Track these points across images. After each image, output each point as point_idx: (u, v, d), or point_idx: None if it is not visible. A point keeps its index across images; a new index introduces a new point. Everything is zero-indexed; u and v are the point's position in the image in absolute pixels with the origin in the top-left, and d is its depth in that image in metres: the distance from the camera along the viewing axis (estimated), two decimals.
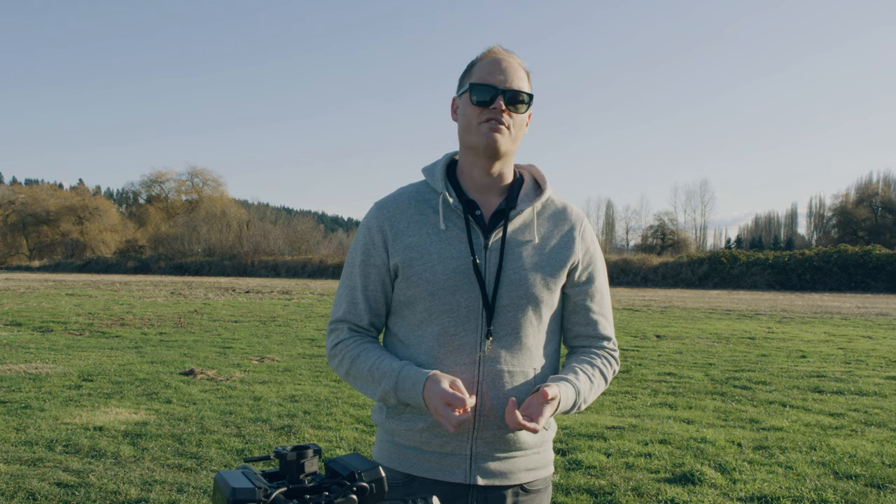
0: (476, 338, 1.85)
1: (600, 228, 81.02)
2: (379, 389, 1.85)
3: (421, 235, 1.89)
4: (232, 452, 5.85)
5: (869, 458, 5.88)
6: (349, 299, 1.96)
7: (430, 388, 1.75)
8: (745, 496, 4.96)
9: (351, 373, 1.92)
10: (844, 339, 14.76)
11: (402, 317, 1.93)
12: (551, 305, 1.93)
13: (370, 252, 1.93)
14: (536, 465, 1.95)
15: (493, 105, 1.85)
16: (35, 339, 13.01)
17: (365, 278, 1.94)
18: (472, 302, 1.85)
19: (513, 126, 1.88)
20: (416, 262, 1.87)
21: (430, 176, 1.96)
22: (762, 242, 77.09)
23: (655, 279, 46.82)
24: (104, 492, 4.85)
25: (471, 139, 1.89)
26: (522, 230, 1.92)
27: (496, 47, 1.93)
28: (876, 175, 75.42)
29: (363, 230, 1.97)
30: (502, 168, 1.93)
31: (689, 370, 10.32)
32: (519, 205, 1.93)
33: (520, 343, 1.88)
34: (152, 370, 9.73)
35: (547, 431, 1.98)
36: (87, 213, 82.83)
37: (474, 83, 1.87)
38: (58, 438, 6.13)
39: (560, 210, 1.99)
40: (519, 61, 1.92)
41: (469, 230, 1.87)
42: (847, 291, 38.60)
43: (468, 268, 1.85)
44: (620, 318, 19.32)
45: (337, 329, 1.97)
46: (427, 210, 1.92)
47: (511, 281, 1.86)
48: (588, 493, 4.96)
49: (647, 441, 6.30)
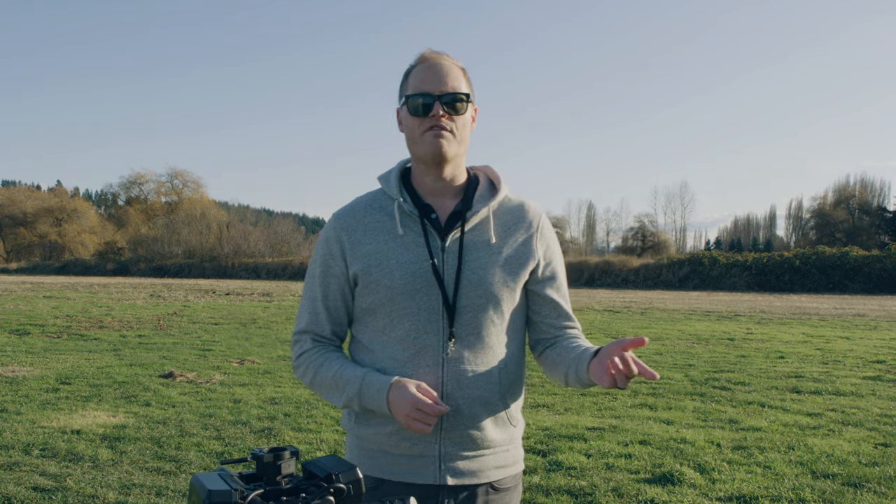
0: (438, 339, 1.87)
1: (581, 230, 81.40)
2: (343, 397, 1.87)
3: (378, 242, 1.90)
4: (211, 455, 5.81)
5: (846, 457, 5.94)
6: (310, 310, 1.98)
7: (396, 394, 1.77)
8: (724, 496, 5.00)
9: (315, 382, 1.94)
10: (822, 339, 14.91)
11: (366, 323, 1.95)
12: (512, 303, 1.95)
13: (329, 263, 1.96)
14: (505, 463, 1.96)
15: (431, 113, 1.85)
16: (12, 342, 12.86)
17: (325, 289, 1.96)
18: (433, 304, 1.87)
19: (456, 129, 1.88)
20: (375, 268, 1.88)
21: (385, 183, 1.97)
22: (741, 244, 77.61)
23: (636, 281, 47.07)
24: (82, 496, 4.81)
25: (417, 150, 1.91)
26: (479, 230, 1.93)
27: (427, 52, 1.93)
28: (853, 177, 76.32)
29: (322, 242, 1.99)
30: (454, 171, 1.95)
31: (668, 371, 10.38)
32: (475, 205, 1.94)
33: (482, 342, 1.89)
34: (131, 373, 9.65)
35: (514, 428, 1.99)
36: (66, 214, 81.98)
37: (410, 94, 1.88)
38: (34, 442, 6.06)
39: (517, 208, 2.01)
40: (452, 61, 1.93)
41: (426, 233, 1.89)
42: (825, 293, 39.01)
43: (427, 271, 1.87)
44: (601, 319, 19.40)
45: (300, 340, 1.99)
46: (383, 217, 1.93)
47: (470, 281, 1.88)
48: (568, 494, 4.97)
49: (627, 442, 6.32)
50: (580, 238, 79.77)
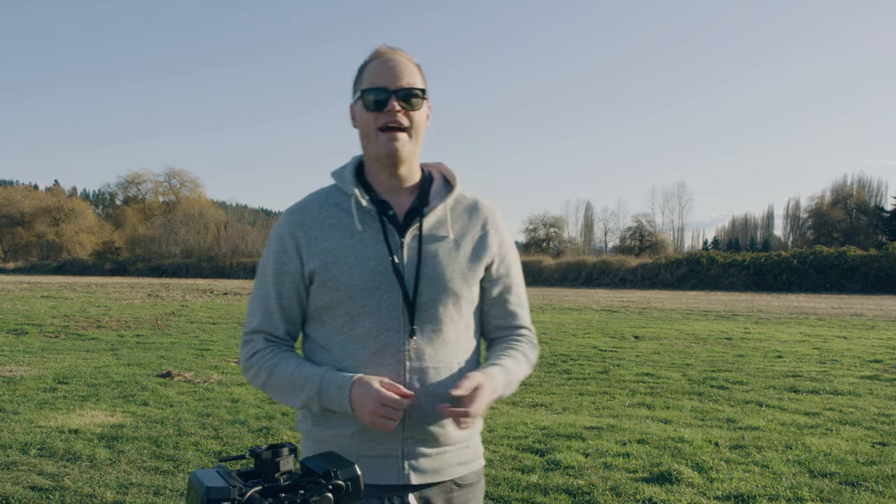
0: (399, 336, 1.85)
1: (579, 230, 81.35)
2: (301, 397, 1.83)
3: (335, 239, 1.88)
4: (209, 454, 5.81)
5: (844, 456, 5.94)
6: (263, 309, 1.93)
7: (360, 391, 1.74)
8: (721, 495, 5.00)
9: (269, 383, 1.89)
10: (820, 339, 14.93)
11: (322, 322, 1.92)
12: (471, 300, 1.95)
13: (283, 260, 1.92)
14: (467, 459, 1.96)
15: (387, 107, 1.83)
16: (9, 342, 12.84)
17: (279, 287, 1.92)
18: (393, 301, 1.85)
19: (411, 125, 1.87)
20: (333, 265, 1.86)
21: (340, 179, 1.95)
22: (739, 244, 77.71)
23: (634, 280, 47.09)
24: (79, 495, 4.80)
25: (372, 148, 1.89)
26: (437, 227, 1.92)
27: (382, 47, 1.91)
28: (850, 177, 76.39)
29: (274, 238, 1.95)
30: (409, 169, 1.94)
31: (666, 370, 10.39)
32: (431, 202, 1.94)
33: (442, 338, 1.88)
34: (129, 372, 9.64)
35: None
36: (63, 214, 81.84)
37: (365, 88, 1.86)
38: (32, 442, 6.06)
39: (472, 205, 2.00)
40: (407, 57, 1.91)
41: (385, 230, 1.87)
42: (822, 292, 39.04)
43: (387, 268, 1.85)
44: (599, 319, 19.41)
45: (252, 340, 1.93)
46: (339, 213, 1.91)
47: (430, 278, 1.87)
48: (566, 493, 4.97)
49: (625, 441, 6.33)
50: (578, 238, 79.81)
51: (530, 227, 73.84)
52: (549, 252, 66.60)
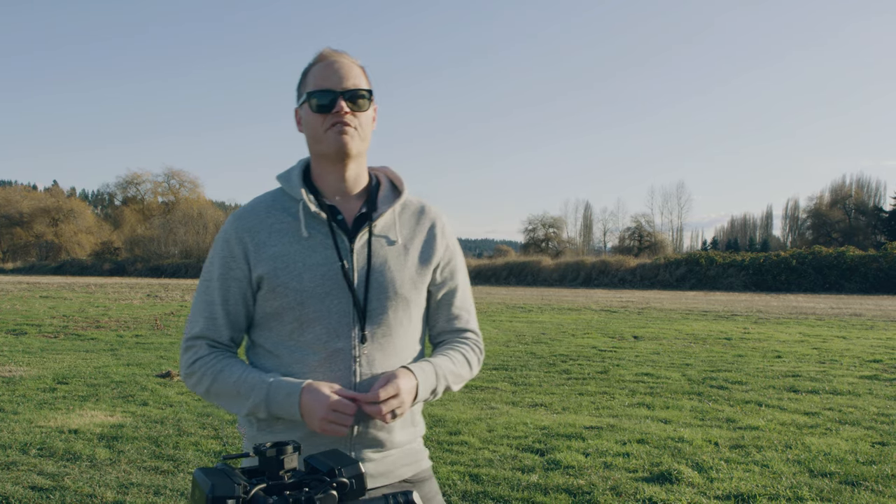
0: (350, 343, 1.84)
1: (578, 230, 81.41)
2: (247, 404, 1.80)
3: (284, 244, 1.86)
4: (209, 454, 5.81)
5: (843, 456, 5.95)
6: (207, 315, 1.90)
7: (310, 398, 1.72)
8: (722, 494, 5.00)
9: (212, 390, 1.85)
10: (819, 339, 14.93)
11: (270, 328, 1.89)
12: (420, 304, 1.95)
13: (230, 265, 1.89)
14: (412, 461, 1.96)
15: (334, 109, 1.83)
16: (8, 342, 12.84)
17: (224, 292, 1.89)
18: (344, 307, 1.84)
19: (359, 126, 1.86)
20: (282, 271, 1.83)
21: (287, 183, 1.93)
22: (738, 244, 77.73)
23: (633, 280, 47.12)
24: (80, 495, 4.80)
25: (320, 147, 1.88)
26: (386, 232, 1.92)
27: (326, 50, 1.91)
28: (849, 177, 76.63)
29: (220, 243, 1.92)
30: (357, 171, 1.93)
31: (666, 370, 10.39)
32: (380, 207, 1.93)
33: (393, 344, 1.88)
34: (128, 372, 9.64)
35: (416, 428, 1.99)
36: (62, 214, 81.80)
37: (311, 91, 1.85)
38: (32, 442, 6.05)
39: (419, 210, 2.00)
40: (351, 59, 1.91)
41: (334, 235, 1.86)
42: (821, 292, 39.07)
43: (336, 273, 1.84)
44: (598, 319, 19.42)
45: (194, 346, 1.89)
46: (287, 218, 1.89)
47: (380, 283, 1.86)
48: (567, 493, 4.97)
49: (625, 441, 6.33)
50: (577, 238, 79.88)
51: (529, 228, 73.96)
52: (548, 252, 66.68)
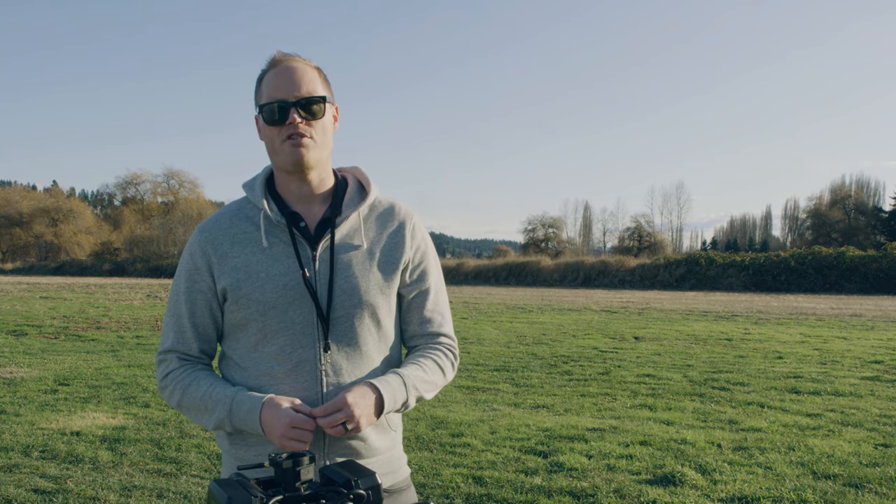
0: (314, 352, 1.81)
1: (578, 230, 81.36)
2: (213, 419, 1.79)
3: (246, 255, 1.83)
4: (212, 457, 5.80)
5: (846, 457, 5.94)
6: (176, 329, 1.89)
7: (270, 414, 1.70)
8: (725, 497, 5.00)
9: (183, 403, 1.84)
10: (819, 339, 14.93)
11: (237, 339, 1.88)
12: (389, 309, 1.91)
13: (194, 278, 1.87)
14: (391, 469, 1.93)
15: (288, 120, 1.78)
16: (9, 343, 12.83)
17: (191, 305, 1.88)
18: (307, 317, 1.81)
19: (315, 134, 1.82)
20: (244, 283, 1.81)
21: (250, 191, 1.90)
22: (738, 244, 77.70)
23: (633, 281, 47.10)
24: (82, 498, 4.79)
25: (278, 160, 1.84)
26: (351, 236, 1.88)
27: (277, 54, 1.85)
28: (849, 177, 76.68)
29: (186, 256, 1.90)
30: (320, 176, 1.88)
31: (667, 372, 10.39)
32: (344, 211, 1.88)
33: (360, 352, 1.85)
34: (130, 374, 9.63)
35: (395, 433, 1.96)
36: (62, 214, 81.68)
37: (263, 103, 1.81)
38: (34, 444, 6.05)
39: (387, 210, 1.95)
40: (305, 62, 1.85)
41: (295, 243, 1.82)
42: (821, 293, 39.06)
43: (299, 283, 1.81)
44: (598, 319, 19.41)
45: (165, 359, 1.90)
46: (250, 227, 1.86)
47: (344, 290, 1.83)
48: (570, 496, 4.97)
49: (628, 442, 6.33)
50: (577, 238, 79.82)
51: (529, 228, 73.94)
52: (547, 252, 66.66)
